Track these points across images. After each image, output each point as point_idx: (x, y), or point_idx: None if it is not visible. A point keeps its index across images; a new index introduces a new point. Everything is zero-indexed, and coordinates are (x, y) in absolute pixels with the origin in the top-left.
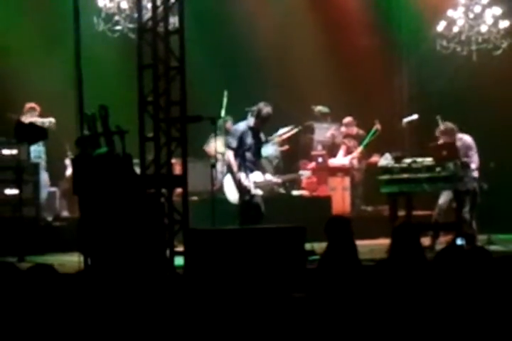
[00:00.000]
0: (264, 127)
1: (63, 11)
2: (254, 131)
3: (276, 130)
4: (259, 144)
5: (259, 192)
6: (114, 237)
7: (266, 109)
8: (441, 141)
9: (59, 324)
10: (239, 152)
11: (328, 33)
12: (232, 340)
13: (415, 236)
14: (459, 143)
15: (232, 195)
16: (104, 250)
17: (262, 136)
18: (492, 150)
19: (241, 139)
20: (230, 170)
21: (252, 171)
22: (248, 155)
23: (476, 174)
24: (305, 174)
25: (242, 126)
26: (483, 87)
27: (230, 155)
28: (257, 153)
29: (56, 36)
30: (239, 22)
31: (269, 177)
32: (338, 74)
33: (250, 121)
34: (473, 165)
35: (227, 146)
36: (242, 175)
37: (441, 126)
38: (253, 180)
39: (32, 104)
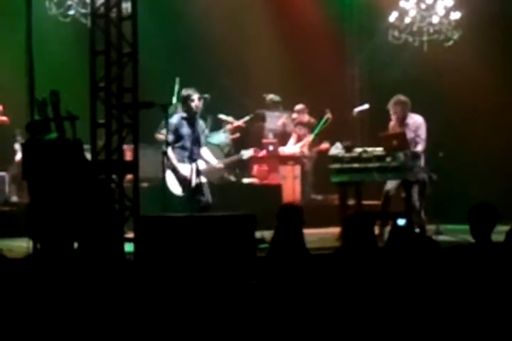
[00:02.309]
0: (201, 112)
1: None
2: (189, 119)
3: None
4: (197, 132)
5: (203, 179)
6: (64, 223)
7: (188, 92)
8: (393, 119)
9: (6, 308)
10: (177, 144)
11: (280, 22)
12: (181, 327)
13: (369, 225)
14: (410, 121)
15: (175, 188)
16: (53, 235)
17: (202, 123)
18: (441, 140)
19: (176, 132)
20: (170, 164)
21: (194, 161)
22: (188, 145)
23: (422, 159)
24: (246, 154)
25: (175, 118)
26: (434, 77)
27: (168, 149)
28: (197, 141)
29: (7, 20)
30: (192, 9)
31: (212, 162)
32: (290, 63)
33: (183, 111)
34: (420, 147)
35: (165, 141)
36: (181, 168)
37: (395, 98)
38: (195, 168)
39: None
